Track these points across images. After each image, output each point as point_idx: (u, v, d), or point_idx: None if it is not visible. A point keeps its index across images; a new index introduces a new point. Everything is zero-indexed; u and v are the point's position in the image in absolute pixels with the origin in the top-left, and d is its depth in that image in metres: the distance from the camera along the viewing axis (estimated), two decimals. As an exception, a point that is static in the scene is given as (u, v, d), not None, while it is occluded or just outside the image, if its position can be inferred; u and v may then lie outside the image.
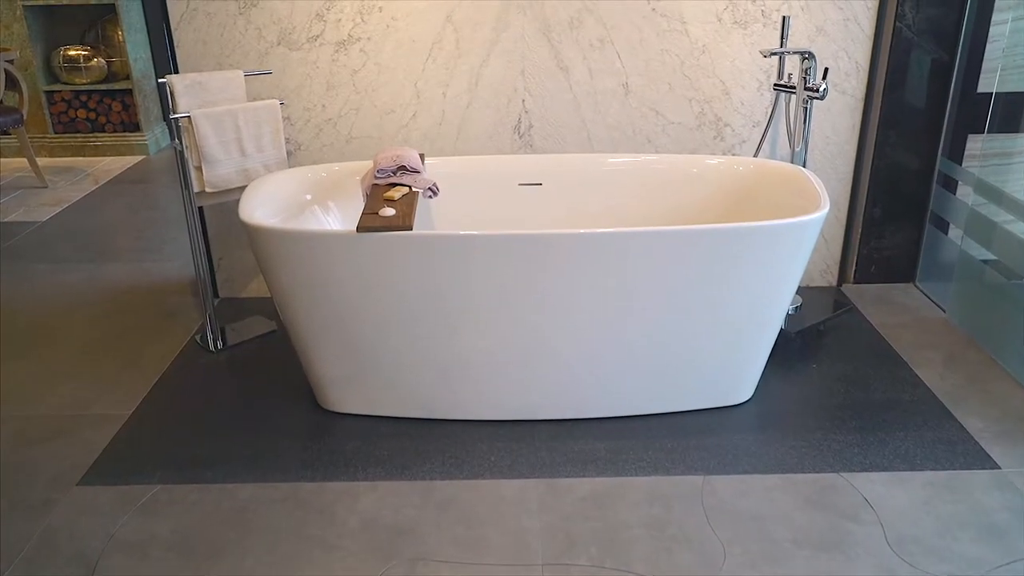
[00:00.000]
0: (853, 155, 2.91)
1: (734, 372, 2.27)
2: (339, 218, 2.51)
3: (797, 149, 2.59)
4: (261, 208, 2.26)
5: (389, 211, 2.07)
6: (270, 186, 2.40)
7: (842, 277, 3.11)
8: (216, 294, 3.10)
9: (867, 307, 2.92)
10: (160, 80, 2.49)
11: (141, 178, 4.75)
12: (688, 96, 2.81)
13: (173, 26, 2.71)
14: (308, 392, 2.39)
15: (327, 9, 2.69)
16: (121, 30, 4.91)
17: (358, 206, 2.48)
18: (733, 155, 2.87)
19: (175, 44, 2.74)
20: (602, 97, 2.81)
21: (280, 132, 2.64)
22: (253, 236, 2.09)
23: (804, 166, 2.62)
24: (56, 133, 5.18)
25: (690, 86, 2.80)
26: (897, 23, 2.72)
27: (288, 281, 2.10)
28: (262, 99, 2.76)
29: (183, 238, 3.72)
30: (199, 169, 2.55)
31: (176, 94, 2.48)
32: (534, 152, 2.88)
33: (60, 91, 5.12)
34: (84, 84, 5.09)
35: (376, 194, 2.23)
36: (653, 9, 2.70)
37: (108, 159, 5.16)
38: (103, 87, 5.08)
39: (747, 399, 2.35)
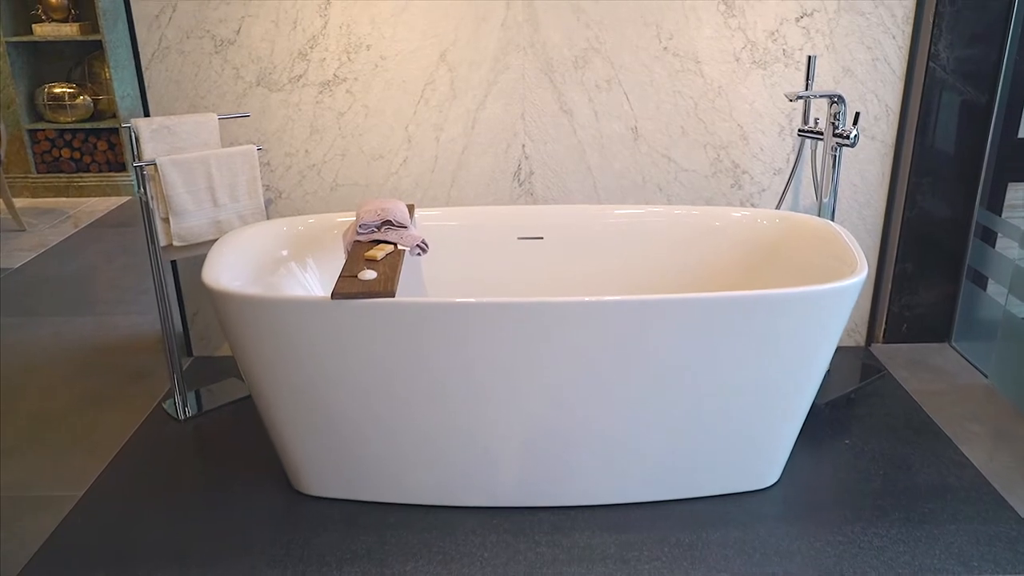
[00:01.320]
0: (883, 205, 2.67)
1: (760, 453, 2.00)
2: (318, 277, 2.27)
3: (825, 200, 2.35)
4: (230, 266, 2.02)
5: (369, 274, 1.83)
6: (242, 241, 2.16)
7: (871, 336, 2.85)
8: (189, 352, 2.85)
9: (900, 371, 2.66)
10: (124, 124, 2.26)
11: (124, 221, 4.53)
12: (703, 141, 2.58)
13: (144, 65, 2.49)
14: (282, 472, 2.13)
15: (310, 47, 2.48)
16: (108, 67, 4.73)
17: (341, 262, 2.24)
18: (752, 205, 2.64)
19: (146, 84, 2.52)
20: (609, 142, 2.58)
21: (257, 180, 2.42)
22: (216, 301, 1.85)
23: (832, 219, 2.38)
24: (39, 173, 4.98)
25: (705, 130, 2.57)
26: (930, 63, 2.50)
27: (256, 352, 1.85)
28: (239, 144, 2.54)
29: (167, 283, 3.47)
30: (166, 221, 2.32)
31: (142, 139, 2.26)
32: (535, 201, 2.65)
33: (44, 130, 4.93)
34: (69, 122, 4.90)
35: (357, 253, 1.99)
36: (665, 48, 2.48)
37: (93, 200, 4.95)
38: (88, 126, 4.89)
39: (774, 483, 2.08)
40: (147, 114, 2.55)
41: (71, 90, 4.86)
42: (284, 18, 2.45)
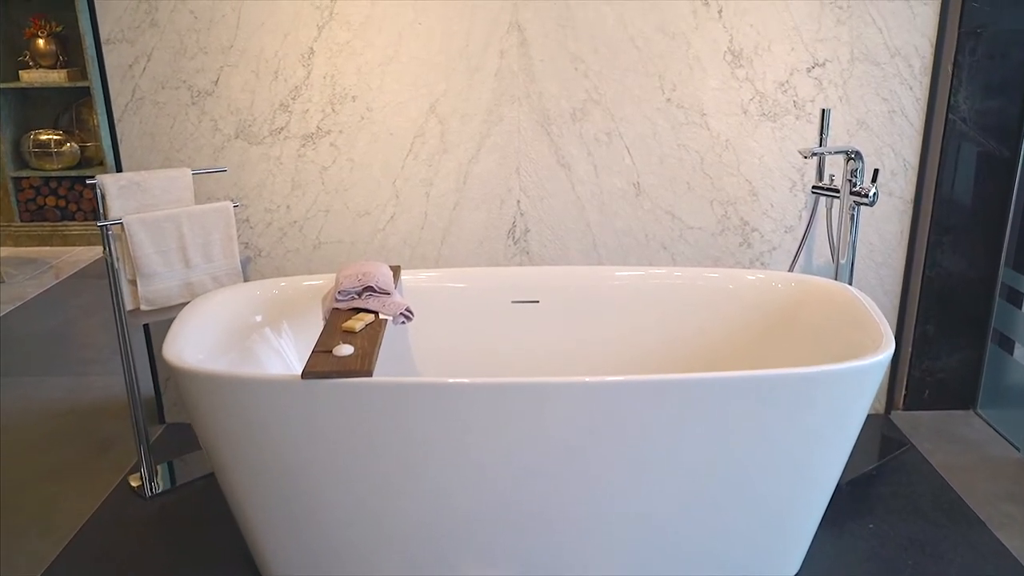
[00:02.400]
0: (902, 264, 2.51)
1: (780, 540, 1.81)
2: (294, 345, 2.09)
3: (842, 262, 2.18)
4: (196, 336, 1.85)
5: (346, 349, 1.65)
6: (211, 307, 1.99)
7: (890, 403, 2.67)
8: (162, 419, 2.67)
9: (924, 442, 2.47)
10: (89, 180, 2.12)
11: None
12: (709, 197, 2.43)
13: (116, 117, 2.35)
14: (249, 556, 1.93)
15: (293, 98, 2.34)
16: (96, 114, 4.62)
17: (319, 327, 2.07)
18: (763, 264, 2.47)
19: (118, 137, 2.38)
20: (610, 198, 2.43)
21: (233, 239, 2.26)
22: (176, 377, 1.68)
23: (850, 281, 2.21)
24: (23, 222, 4.84)
25: (712, 186, 2.42)
26: (950, 115, 2.36)
27: (220, 432, 1.68)
28: (215, 200, 2.39)
29: (139, 344, 3.30)
30: (134, 283, 2.16)
31: (108, 196, 2.10)
32: (531, 260, 2.48)
33: (28, 177, 4.80)
34: (55, 170, 4.77)
35: (335, 323, 1.82)
36: (668, 99, 2.34)
37: (78, 249, 4.80)
38: (74, 173, 4.76)
39: (795, 572, 1.89)
40: (119, 168, 2.41)
41: (58, 137, 4.74)
42: (265, 68, 2.31)
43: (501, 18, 2.28)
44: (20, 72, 4.65)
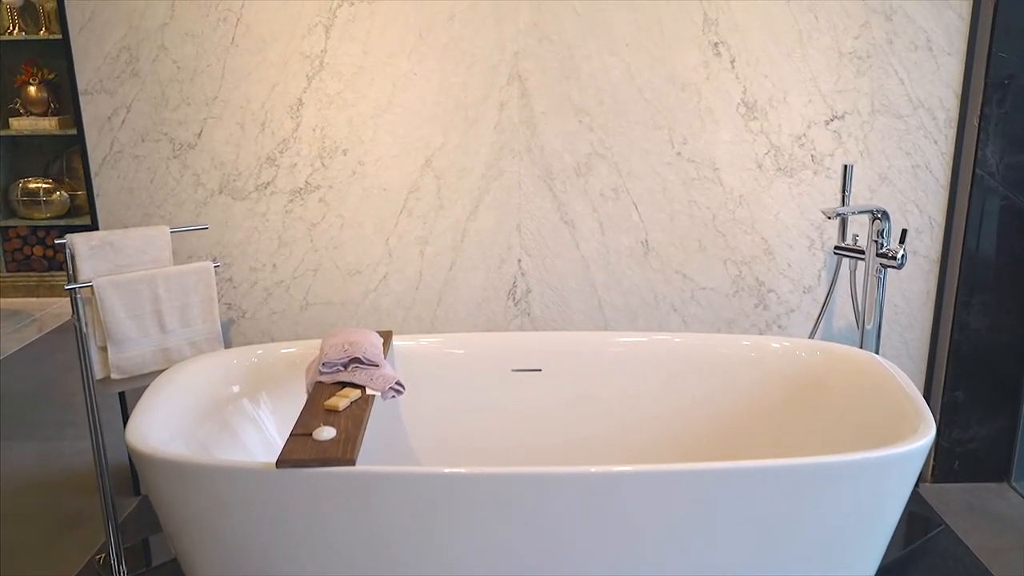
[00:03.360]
0: (928, 327, 2.35)
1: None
2: (273, 417, 1.93)
3: (868, 327, 2.03)
4: (165, 413, 1.69)
5: (327, 432, 1.49)
6: (184, 377, 1.84)
7: (919, 476, 2.48)
8: (137, 491, 2.49)
9: (957, 520, 2.29)
10: (59, 240, 1.98)
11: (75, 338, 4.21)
12: (723, 256, 2.28)
13: (93, 171, 2.22)
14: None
15: (280, 152, 2.21)
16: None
17: (302, 398, 1.90)
18: (780, 327, 2.32)
19: (95, 192, 2.24)
20: (616, 257, 2.28)
21: (213, 301, 2.11)
22: (136, 462, 1.51)
23: (877, 349, 2.06)
24: (9, 272, 4.70)
25: (725, 244, 2.27)
26: (977, 170, 2.22)
27: (185, 521, 1.50)
28: (197, 259, 2.25)
29: (114, 408, 3.13)
30: (104, 350, 2.00)
31: (78, 257, 1.96)
32: (532, 322, 2.33)
33: (16, 227, 4.67)
34: (44, 219, 4.64)
35: (317, 399, 1.66)
36: (679, 153, 2.21)
37: (64, 300, 4.65)
38: (63, 222, 4.63)
39: None
40: (95, 224, 2.27)
41: (47, 185, 4.62)
42: (251, 120, 2.19)
43: (501, 68, 2.16)
44: (10, 119, 4.55)
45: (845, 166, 2.05)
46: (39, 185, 4.61)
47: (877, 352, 2.03)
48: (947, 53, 2.15)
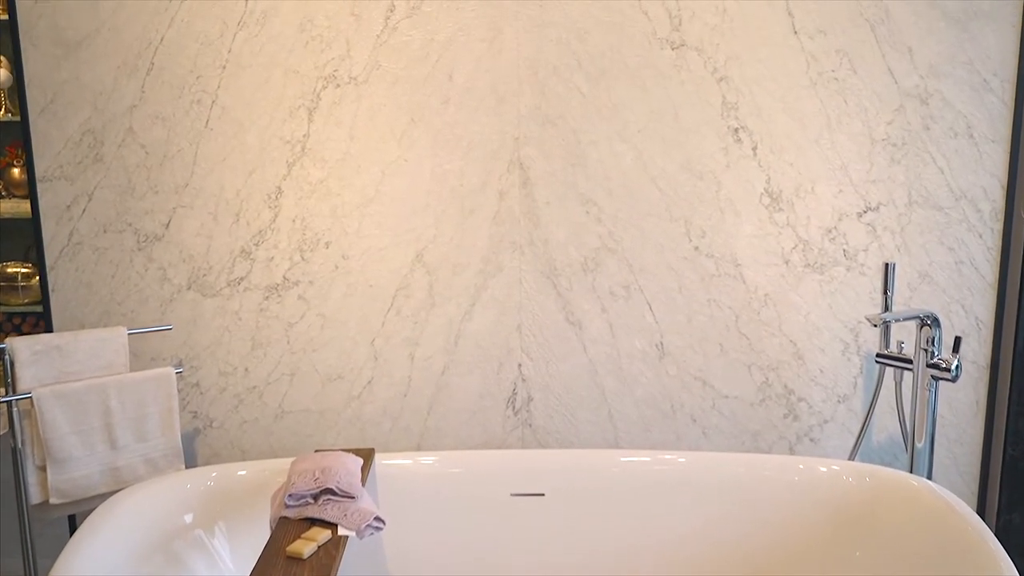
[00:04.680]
0: (979, 441, 2.09)
1: None
2: (231, 554, 1.66)
3: (919, 446, 1.77)
4: (103, 548, 1.42)
5: (286, 590, 1.23)
6: (129, 506, 1.58)
7: (973, 610, 2.19)
8: (84, 624, 2.19)
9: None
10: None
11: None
12: (747, 361, 2.04)
13: (48, 264, 2.02)
14: None
15: (256, 244, 2.00)
16: (68, 247, 4.31)
17: (266, 528, 1.64)
18: (811, 440, 2.06)
19: (50, 288, 2.03)
20: (628, 361, 2.05)
21: (174, 412, 1.87)
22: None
23: (930, 472, 1.80)
24: (-18, 360, 4.45)
25: (749, 348, 2.04)
26: (1027, 267, 2.00)
27: None
28: (159, 363, 2.02)
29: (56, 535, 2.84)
30: (44, 470, 1.75)
31: (19, 364, 1.73)
32: (535, 434, 2.08)
33: (-8, 313, 4.45)
34: (20, 305, 4.42)
35: (281, 538, 1.40)
36: (696, 248, 1.99)
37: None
38: (39, 309, 4.41)
39: None
40: (48, 323, 2.05)
41: (25, 270, 4.42)
42: (225, 209, 1.99)
43: (501, 154, 1.97)
44: (-8, 202, 4.39)
45: (886, 265, 1.83)
46: (17, 270, 4.41)
47: (930, 475, 1.77)
48: (990, 140, 1.96)
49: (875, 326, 1.71)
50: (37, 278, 4.42)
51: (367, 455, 1.76)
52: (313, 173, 1.98)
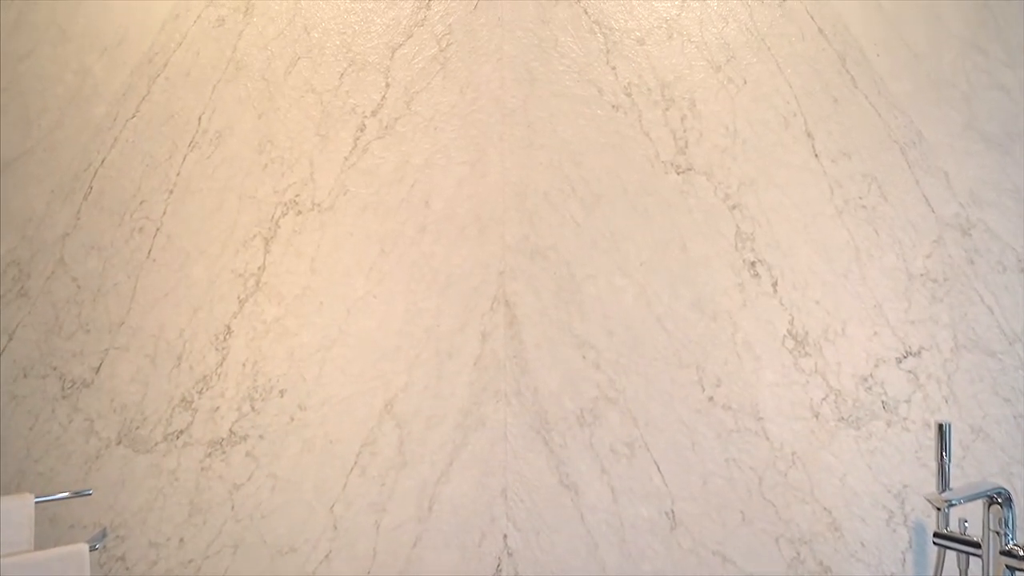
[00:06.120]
0: (1055, 631, 1.75)
1: None
2: None
3: (993, 654, 1.44)
4: None
5: None
6: None
7: None
8: None
9: None
10: None
11: None
12: (773, 532, 1.74)
13: (-43, 414, 1.73)
14: None
15: (199, 392, 1.73)
16: None
17: None
18: (855, 629, 1.73)
19: (-44, 441, 1.74)
20: (633, 532, 1.74)
21: (85, 599, 1.54)
22: None
23: None
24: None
25: (776, 517, 1.73)
26: (1096, 422, 1.72)
27: None
28: (80, 530, 1.70)
29: None
30: None
31: None
32: (523, 621, 1.75)
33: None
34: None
35: None
36: (711, 398, 1.72)
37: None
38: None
39: None
40: (-48, 484, 1.74)
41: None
42: (165, 352, 1.73)
43: (483, 291, 1.73)
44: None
45: (940, 426, 1.55)
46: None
47: None
48: (1044, 275, 1.72)
49: (939, 510, 1.41)
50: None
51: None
52: (268, 310, 1.73)
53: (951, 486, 1.56)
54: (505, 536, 1.74)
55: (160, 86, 1.74)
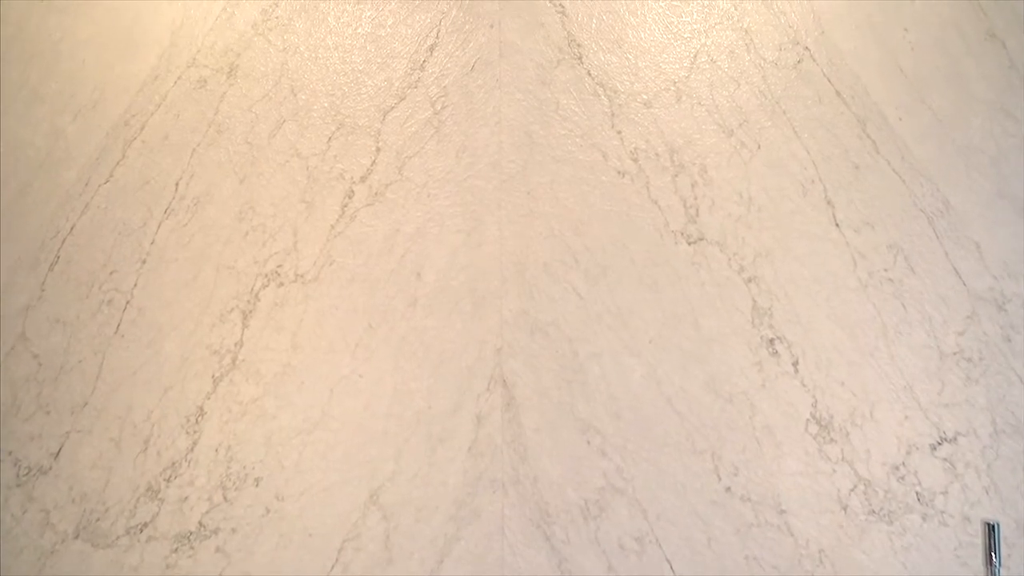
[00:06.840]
0: None
1: None
2: None
3: None
4: None
5: None
6: None
7: None
8: None
9: None
10: None
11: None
12: (800, 640, 1.56)
13: (-99, 504, 1.58)
14: None
15: (167, 480, 1.58)
16: None
17: None
18: None
19: (-101, 534, 1.58)
20: (645, 639, 1.57)
21: None
22: None
23: None
24: None
25: (803, 622, 1.56)
26: None
27: None
28: (26, 638, 1.54)
29: None
30: None
31: None
32: None
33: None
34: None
35: None
36: (728, 488, 1.57)
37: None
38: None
39: None
40: None
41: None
42: (131, 435, 1.58)
43: (478, 370, 1.60)
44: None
45: (988, 525, 1.40)
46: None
47: None
48: (1088, 355, 1.58)
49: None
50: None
51: None
52: (245, 390, 1.59)
53: (1001, 593, 1.40)
54: (502, 643, 1.58)
55: (136, 150, 1.64)
